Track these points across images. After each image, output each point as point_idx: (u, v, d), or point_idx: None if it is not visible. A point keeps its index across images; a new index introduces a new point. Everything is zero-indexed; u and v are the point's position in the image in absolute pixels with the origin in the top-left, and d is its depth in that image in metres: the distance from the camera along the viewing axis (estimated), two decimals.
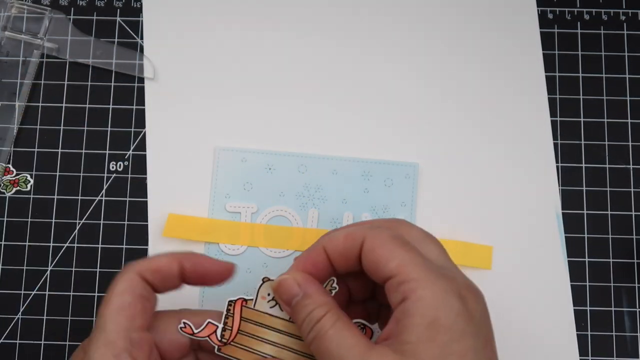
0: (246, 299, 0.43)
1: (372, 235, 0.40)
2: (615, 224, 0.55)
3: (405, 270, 0.38)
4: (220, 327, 0.42)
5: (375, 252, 0.39)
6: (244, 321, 0.42)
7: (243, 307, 0.42)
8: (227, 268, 0.43)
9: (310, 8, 0.58)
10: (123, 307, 0.39)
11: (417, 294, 0.37)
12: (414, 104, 0.56)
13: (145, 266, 0.41)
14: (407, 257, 0.38)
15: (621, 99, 0.57)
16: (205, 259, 0.43)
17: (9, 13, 0.57)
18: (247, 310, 0.42)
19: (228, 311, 0.42)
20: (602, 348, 0.52)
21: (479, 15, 0.58)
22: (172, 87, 0.57)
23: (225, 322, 0.42)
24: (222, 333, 0.42)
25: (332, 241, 0.41)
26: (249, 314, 0.42)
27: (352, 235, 0.40)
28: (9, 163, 0.55)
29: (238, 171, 0.54)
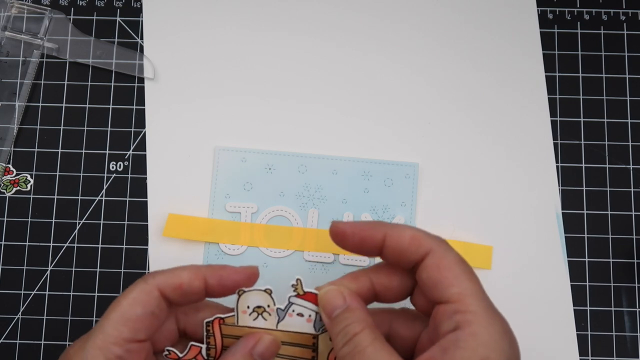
0: (222, 317, 0.42)
1: (440, 252, 0.39)
2: (615, 224, 0.55)
3: (466, 301, 0.37)
4: (204, 347, 0.42)
5: (440, 271, 0.38)
6: (226, 338, 0.42)
7: (221, 325, 0.42)
8: (252, 273, 0.42)
9: (310, 8, 0.58)
10: (130, 319, 0.39)
11: (473, 328, 0.36)
12: (414, 104, 0.56)
13: (167, 282, 0.40)
14: (470, 286, 0.38)
15: (621, 99, 0.57)
16: (228, 271, 0.41)
17: (9, 13, 0.57)
18: (226, 327, 0.42)
19: (207, 331, 0.42)
20: (602, 348, 0.52)
21: (479, 15, 0.58)
22: (172, 87, 0.57)
23: (207, 341, 0.42)
24: (207, 352, 0.42)
25: (397, 237, 0.40)
26: (229, 330, 0.42)
27: (419, 240, 0.39)
28: (9, 163, 0.55)
29: (238, 171, 0.54)
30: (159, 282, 0.40)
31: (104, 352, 0.38)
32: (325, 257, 0.53)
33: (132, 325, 0.39)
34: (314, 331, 0.42)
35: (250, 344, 0.41)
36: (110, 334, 0.38)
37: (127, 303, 0.39)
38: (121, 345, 0.38)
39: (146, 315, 0.39)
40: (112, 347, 0.38)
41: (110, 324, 0.38)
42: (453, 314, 0.37)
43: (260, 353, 0.41)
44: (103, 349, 0.38)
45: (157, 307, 0.39)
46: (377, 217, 0.54)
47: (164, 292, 0.40)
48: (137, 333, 0.39)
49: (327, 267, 0.53)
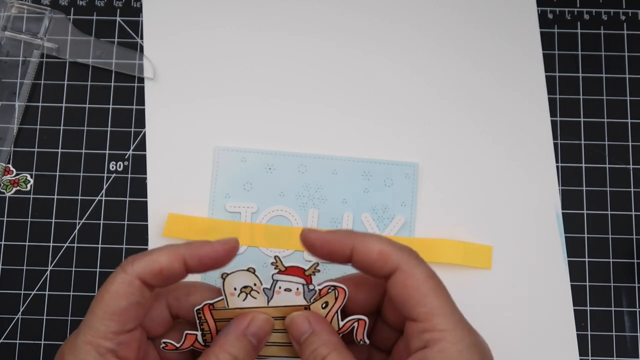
0: (211, 303, 0.41)
1: (408, 268, 0.38)
2: (615, 224, 0.55)
3: (434, 321, 0.37)
4: (199, 334, 0.42)
5: (407, 289, 0.38)
6: (219, 322, 0.42)
7: (211, 310, 0.42)
8: (231, 247, 0.41)
9: (310, 8, 0.58)
10: (115, 312, 0.38)
11: (441, 345, 0.37)
12: (414, 104, 0.56)
13: (146, 269, 0.40)
14: (437, 304, 0.38)
15: (621, 99, 0.57)
16: (207, 249, 0.41)
17: (9, 13, 0.57)
18: (217, 312, 0.42)
19: (200, 319, 0.42)
20: (602, 348, 0.52)
21: (479, 15, 0.58)
22: (172, 87, 0.57)
23: (201, 328, 0.42)
24: (203, 339, 0.42)
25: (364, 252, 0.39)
26: (220, 314, 0.42)
27: (386, 256, 0.39)
28: (9, 163, 0.55)
29: (238, 171, 0.54)
30: (139, 271, 0.39)
31: (96, 348, 0.38)
32: None
33: (119, 318, 0.38)
34: (305, 302, 0.42)
35: (243, 325, 0.41)
36: (99, 329, 0.38)
37: (109, 297, 0.39)
38: (111, 339, 0.38)
39: (131, 306, 0.39)
40: (102, 341, 0.38)
41: (97, 319, 0.38)
42: (421, 333, 0.37)
43: (253, 333, 0.41)
44: (94, 344, 0.38)
45: (140, 296, 0.39)
46: (377, 217, 0.54)
47: (145, 280, 0.40)
48: (125, 324, 0.39)
49: (326, 267, 0.53)
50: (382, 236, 0.40)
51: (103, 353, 0.38)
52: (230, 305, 0.42)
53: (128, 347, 0.39)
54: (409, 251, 0.39)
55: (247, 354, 0.40)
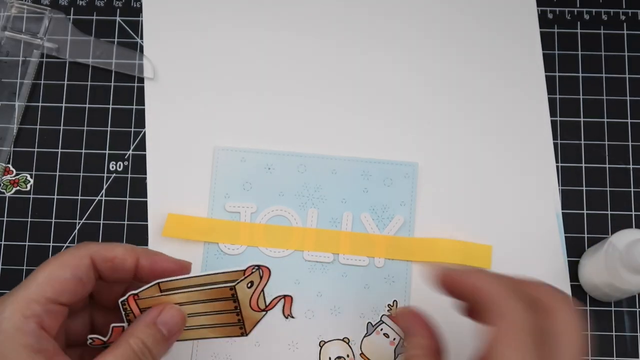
0: (136, 293, 0.42)
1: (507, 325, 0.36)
2: (615, 224, 0.54)
3: None
4: (125, 326, 0.42)
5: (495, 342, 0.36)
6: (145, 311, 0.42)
7: (136, 300, 0.42)
8: (184, 266, 0.43)
9: (310, 8, 0.58)
10: (57, 280, 0.39)
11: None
12: (414, 104, 0.56)
13: (99, 252, 0.40)
14: None
15: (621, 99, 0.57)
16: (163, 257, 0.42)
17: (9, 13, 0.57)
18: (142, 301, 0.42)
19: (125, 310, 0.42)
20: (602, 348, 0.52)
21: (479, 15, 0.58)
22: (172, 87, 0.57)
23: (128, 319, 0.42)
24: None
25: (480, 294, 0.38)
26: (145, 303, 0.42)
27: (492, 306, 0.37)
28: (9, 163, 0.55)
29: (237, 171, 0.54)
30: (92, 251, 0.40)
31: (22, 307, 0.38)
32: (324, 256, 0.53)
33: (58, 287, 0.39)
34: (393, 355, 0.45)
35: (154, 313, 0.41)
36: (33, 291, 0.38)
37: (56, 265, 0.39)
38: (42, 304, 0.38)
39: (74, 279, 0.39)
40: (31, 303, 0.38)
41: (35, 283, 0.39)
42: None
43: (163, 322, 0.41)
44: (22, 304, 0.38)
45: (85, 274, 0.40)
46: (377, 216, 0.54)
47: (95, 262, 0.40)
48: (60, 295, 0.39)
49: (326, 266, 0.53)
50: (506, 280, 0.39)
51: (28, 316, 0.38)
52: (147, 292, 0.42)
53: (54, 320, 0.39)
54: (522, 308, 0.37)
55: (156, 342, 0.40)
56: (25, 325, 0.37)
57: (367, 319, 0.52)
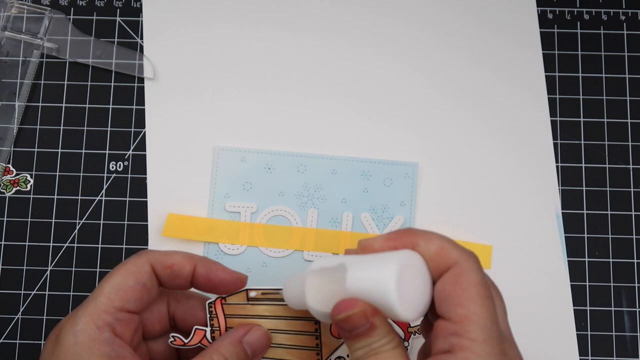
0: (224, 297, 0.42)
1: (463, 268, 0.36)
2: (615, 224, 0.55)
3: (467, 326, 0.35)
4: (208, 330, 0.42)
5: (454, 287, 0.36)
6: (229, 318, 0.43)
7: (223, 304, 0.42)
8: (240, 279, 0.43)
9: (310, 8, 0.58)
10: (122, 288, 0.40)
11: (464, 354, 0.34)
12: (414, 104, 0.56)
13: (158, 259, 0.42)
14: (478, 312, 0.35)
15: (621, 99, 0.57)
16: (220, 267, 0.43)
17: (9, 13, 0.57)
18: (228, 306, 0.42)
19: (210, 313, 0.42)
20: (602, 348, 0.52)
21: (479, 15, 0.58)
22: (172, 87, 0.57)
23: (211, 323, 0.42)
24: (211, 335, 0.43)
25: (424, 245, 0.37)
26: (231, 309, 0.42)
27: (445, 251, 0.37)
28: (9, 163, 0.55)
29: (237, 171, 0.54)
30: (152, 258, 0.41)
31: (94, 319, 0.39)
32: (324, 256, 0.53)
33: (124, 295, 0.40)
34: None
35: (240, 332, 0.42)
36: (102, 302, 0.39)
37: (120, 274, 0.40)
38: (112, 314, 0.39)
39: (138, 286, 0.40)
40: (102, 314, 0.39)
41: (103, 293, 0.40)
42: (450, 335, 0.35)
43: (249, 342, 0.41)
44: (93, 316, 0.39)
45: (148, 280, 0.41)
46: (377, 216, 0.54)
47: (155, 269, 0.41)
48: (127, 302, 0.40)
49: None
50: (443, 235, 0.38)
51: (100, 326, 0.39)
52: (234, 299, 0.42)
53: (126, 326, 0.40)
54: (470, 253, 0.37)
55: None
56: (99, 335, 0.39)
57: None
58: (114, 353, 0.39)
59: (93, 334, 0.39)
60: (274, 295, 0.43)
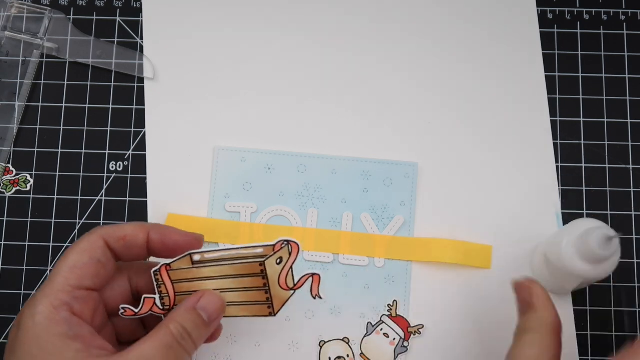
0: (168, 263, 0.42)
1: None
2: (615, 223, 0.54)
3: None
4: (157, 297, 0.43)
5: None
6: (177, 283, 0.43)
7: (169, 271, 0.42)
8: (196, 238, 0.44)
9: (310, 9, 0.58)
10: (76, 266, 0.40)
11: None
12: (414, 104, 0.56)
13: (111, 232, 0.42)
14: None
15: (621, 99, 0.57)
16: (173, 230, 0.43)
17: (9, 13, 0.57)
18: (174, 272, 0.42)
19: (157, 280, 0.43)
20: (602, 348, 0.52)
21: (479, 15, 0.58)
22: (172, 87, 0.57)
23: (159, 290, 0.43)
24: (161, 302, 0.43)
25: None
26: (177, 275, 0.43)
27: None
28: (9, 163, 0.55)
29: (237, 171, 0.54)
30: (104, 233, 0.42)
31: (51, 300, 0.39)
32: (324, 256, 0.53)
33: (79, 272, 0.40)
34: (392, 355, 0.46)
35: (193, 300, 0.42)
36: (58, 282, 0.40)
37: (73, 253, 0.41)
38: (68, 292, 0.40)
39: (92, 262, 0.41)
40: (59, 294, 0.39)
41: (58, 274, 0.40)
42: None
43: (204, 307, 0.42)
44: (50, 297, 0.39)
45: (102, 255, 0.41)
46: (377, 216, 0.54)
47: (109, 243, 0.42)
48: (83, 280, 0.40)
49: (326, 266, 0.53)
50: None
51: (57, 306, 0.39)
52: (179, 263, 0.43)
53: (84, 304, 0.40)
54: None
55: (196, 326, 0.41)
56: (56, 315, 0.39)
57: (367, 319, 0.52)
58: (72, 332, 0.39)
59: (50, 314, 0.39)
60: (217, 255, 0.43)
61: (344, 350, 0.49)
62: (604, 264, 0.46)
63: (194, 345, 0.41)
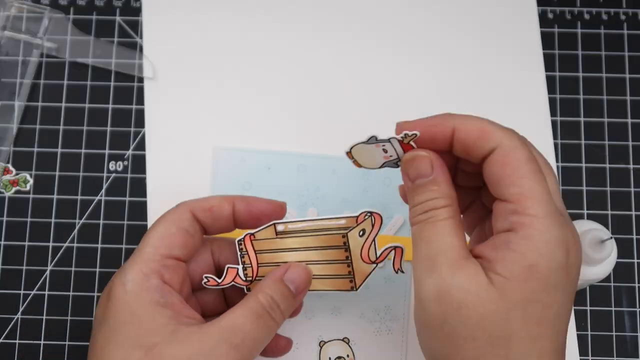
0: (252, 233, 0.43)
1: (509, 147, 0.36)
2: (615, 224, 0.54)
3: (525, 203, 0.35)
4: (240, 267, 0.43)
5: (504, 168, 0.36)
6: (260, 253, 0.43)
7: (252, 241, 0.43)
8: (280, 206, 0.44)
9: (309, 8, 0.58)
10: (165, 235, 0.41)
11: (527, 232, 0.34)
12: (414, 104, 0.56)
13: (197, 204, 0.42)
14: (534, 188, 0.35)
15: (621, 99, 0.57)
16: (257, 199, 0.44)
17: (8, 13, 0.57)
18: (258, 242, 0.43)
19: (241, 250, 0.43)
20: (602, 348, 0.52)
21: (479, 15, 0.58)
22: (172, 87, 0.57)
23: (242, 261, 0.43)
24: (244, 273, 0.43)
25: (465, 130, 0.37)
26: (260, 245, 0.43)
27: (488, 135, 0.37)
28: (9, 163, 0.55)
29: (237, 171, 0.54)
30: (191, 205, 0.42)
31: (141, 268, 0.40)
32: None
33: (168, 242, 0.41)
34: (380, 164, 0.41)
35: (281, 271, 0.42)
36: (148, 251, 0.40)
37: (162, 224, 0.41)
38: (158, 261, 0.40)
39: (181, 232, 0.41)
40: (149, 262, 0.40)
41: (148, 244, 0.41)
42: (509, 214, 0.35)
43: (291, 279, 0.42)
44: (140, 265, 0.40)
45: (190, 225, 0.42)
46: None
47: (196, 214, 0.42)
48: (173, 249, 0.41)
49: None
50: (481, 117, 0.38)
51: (148, 273, 0.39)
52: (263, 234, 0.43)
53: (174, 273, 0.41)
54: (511, 131, 0.38)
55: (284, 297, 0.41)
56: (147, 282, 0.39)
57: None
58: (163, 299, 0.39)
59: (141, 281, 0.39)
60: (301, 226, 0.43)
61: (344, 350, 0.49)
62: (599, 265, 0.46)
63: (282, 317, 0.41)
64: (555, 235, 0.35)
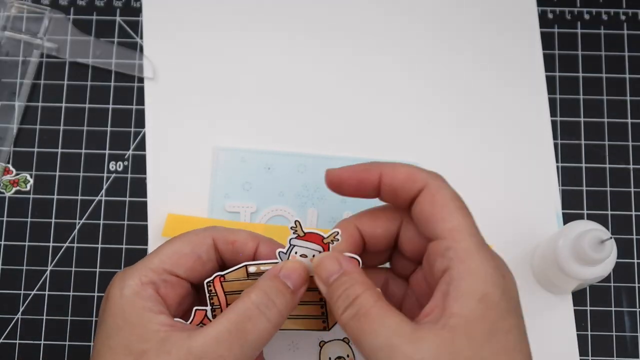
0: (222, 274, 0.42)
1: (435, 187, 0.39)
2: (615, 224, 0.54)
3: (458, 237, 0.37)
4: (208, 309, 0.42)
5: (433, 206, 0.38)
6: (230, 294, 0.42)
7: (222, 282, 0.42)
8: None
9: (309, 8, 0.58)
10: (176, 253, 0.41)
11: (467, 265, 0.36)
12: (413, 103, 0.56)
13: (222, 234, 0.42)
14: (463, 223, 0.37)
15: (621, 99, 0.57)
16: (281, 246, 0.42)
17: (8, 13, 0.57)
18: (228, 283, 0.42)
19: (210, 292, 0.42)
20: (602, 348, 0.52)
21: (479, 15, 0.58)
22: (172, 87, 0.57)
23: (211, 302, 0.42)
24: (212, 314, 0.42)
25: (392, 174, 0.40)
26: (231, 286, 0.42)
27: (414, 176, 0.39)
28: (9, 163, 0.55)
29: (237, 171, 0.54)
30: (215, 233, 0.42)
31: (140, 275, 0.40)
32: None
33: (177, 260, 0.41)
34: None
35: (276, 268, 0.41)
36: (153, 262, 0.40)
37: (180, 241, 0.41)
38: (159, 273, 0.40)
39: (192, 255, 0.41)
40: (149, 272, 0.40)
41: (157, 255, 0.41)
42: (445, 250, 0.37)
43: (287, 275, 0.40)
44: (141, 272, 0.40)
45: (205, 252, 0.41)
46: None
47: (217, 243, 0.42)
48: (178, 267, 0.41)
49: None
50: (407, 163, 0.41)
51: (145, 282, 0.40)
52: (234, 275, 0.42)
53: (171, 289, 0.41)
54: (435, 174, 0.40)
55: (280, 293, 0.39)
56: (143, 290, 0.39)
57: None
58: (156, 309, 0.39)
59: (137, 288, 0.39)
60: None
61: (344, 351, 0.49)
62: (599, 265, 0.46)
63: (279, 315, 0.39)
64: (491, 265, 0.36)
